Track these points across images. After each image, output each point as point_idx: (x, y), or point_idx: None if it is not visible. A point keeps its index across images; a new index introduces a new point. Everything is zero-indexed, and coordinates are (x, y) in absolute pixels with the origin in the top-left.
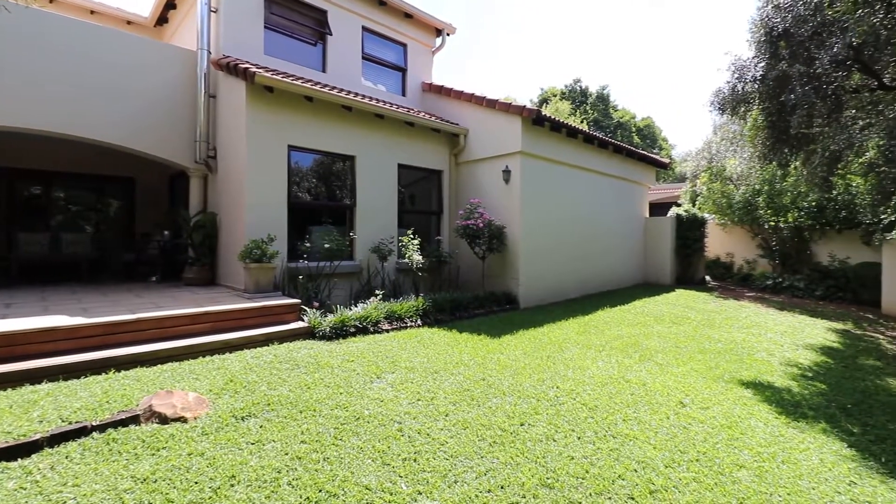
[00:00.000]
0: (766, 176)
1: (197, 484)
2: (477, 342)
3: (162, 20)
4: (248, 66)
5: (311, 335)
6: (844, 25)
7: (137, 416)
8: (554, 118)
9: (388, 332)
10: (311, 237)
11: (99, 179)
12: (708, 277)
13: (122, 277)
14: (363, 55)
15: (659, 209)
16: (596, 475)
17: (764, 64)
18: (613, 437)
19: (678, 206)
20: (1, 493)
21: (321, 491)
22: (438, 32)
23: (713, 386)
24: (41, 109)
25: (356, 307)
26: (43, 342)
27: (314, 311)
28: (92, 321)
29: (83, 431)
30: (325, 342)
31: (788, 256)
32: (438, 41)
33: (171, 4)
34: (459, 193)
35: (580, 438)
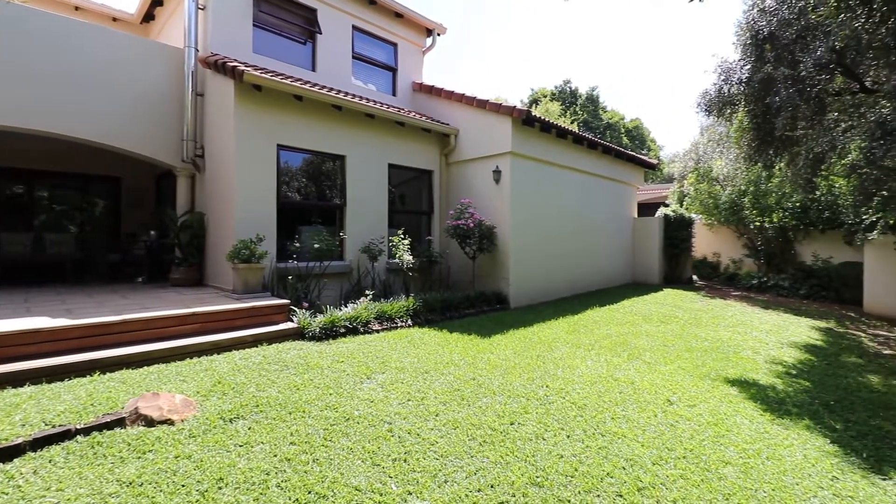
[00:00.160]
0: (751, 177)
1: (184, 487)
2: (467, 342)
3: (148, 17)
4: (236, 64)
5: (300, 336)
6: (827, 29)
7: (123, 418)
8: (544, 119)
9: (378, 332)
10: (300, 237)
11: (84, 178)
12: (695, 277)
13: (107, 278)
14: (353, 54)
15: (647, 209)
16: (585, 473)
17: (749, 66)
18: (602, 435)
19: (666, 206)
20: None
21: (310, 492)
22: (429, 32)
23: (700, 384)
24: (22, 107)
25: (346, 307)
26: (25, 344)
27: (304, 311)
28: (76, 323)
29: (67, 435)
30: (314, 343)
31: (773, 256)
32: (429, 41)
33: (157, 1)
34: (450, 193)
35: (569, 437)
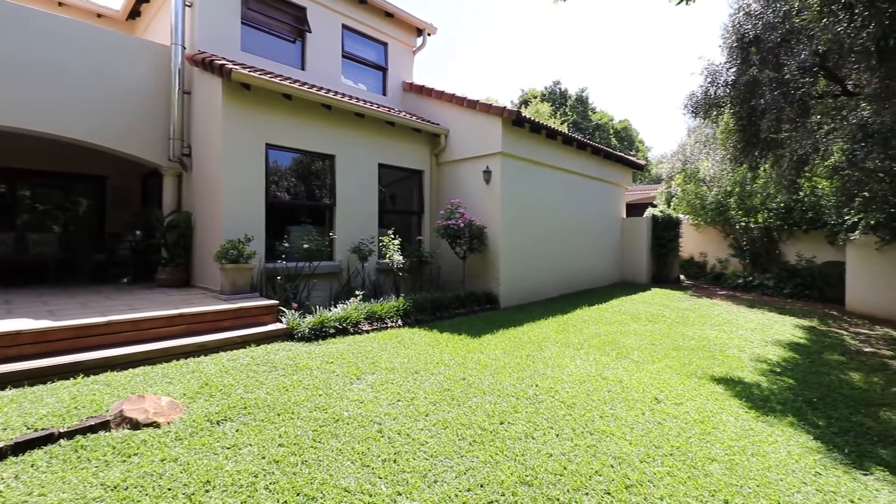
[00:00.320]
0: (737, 178)
1: (170, 490)
2: (457, 342)
3: (134, 14)
4: (224, 62)
5: (289, 337)
6: (811, 33)
7: (107, 421)
8: (534, 119)
9: (368, 332)
10: (289, 237)
11: (67, 177)
12: (682, 276)
13: (91, 279)
14: (343, 53)
15: (635, 210)
16: (574, 471)
17: (735, 69)
18: (591, 433)
19: (654, 206)
20: None
21: (299, 494)
22: (419, 32)
23: (687, 382)
24: (2, 104)
25: (336, 308)
26: (6, 346)
27: (293, 312)
28: (59, 324)
29: (50, 439)
30: (303, 344)
31: (758, 256)
32: (419, 41)
33: None
34: (440, 193)
35: (559, 436)
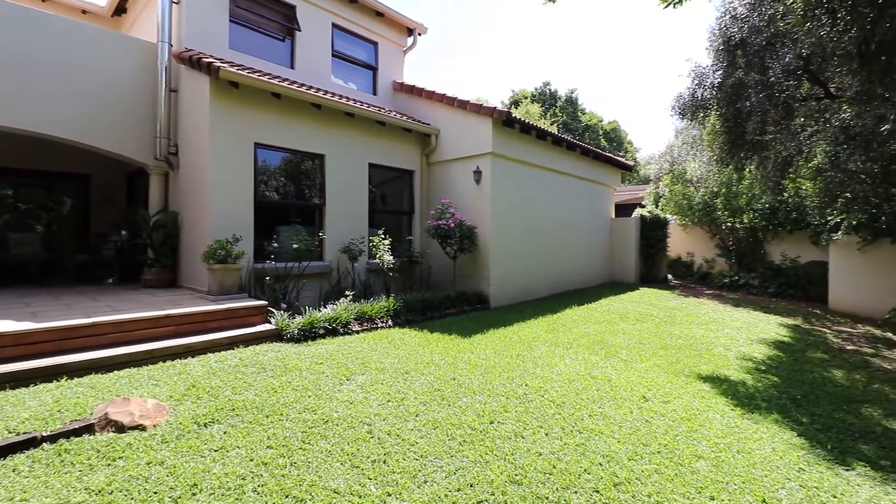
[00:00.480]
0: (723, 179)
1: (156, 494)
2: (448, 342)
3: (120, 10)
4: (211, 60)
5: (278, 338)
6: (795, 37)
7: (92, 425)
8: (524, 120)
9: (358, 333)
10: (278, 237)
11: (51, 176)
12: (670, 276)
13: (75, 280)
14: (333, 52)
15: (624, 210)
16: (563, 470)
17: (722, 71)
18: (580, 432)
19: (642, 207)
20: None
21: (287, 496)
22: (410, 32)
23: (674, 380)
24: None
25: (326, 308)
26: None
27: (282, 312)
28: (42, 326)
29: (32, 443)
30: (293, 345)
31: (744, 255)
32: (410, 40)
33: None
34: (431, 193)
35: (548, 434)
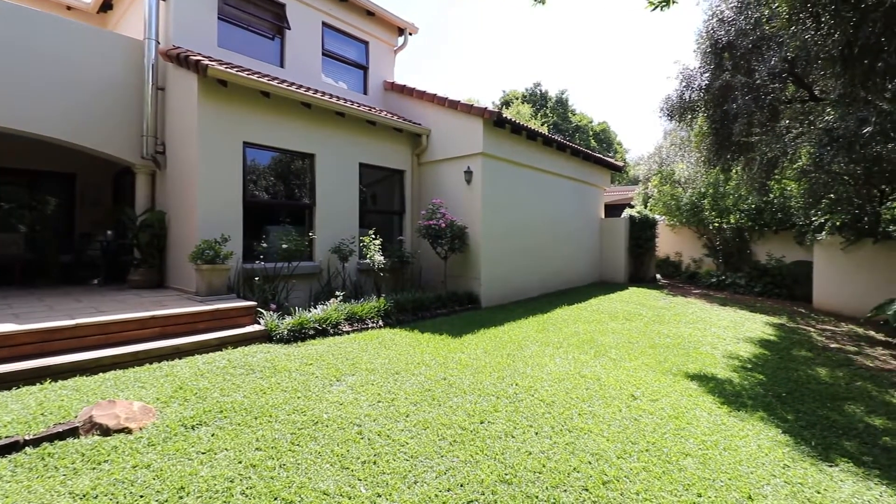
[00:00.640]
0: (710, 180)
1: (142, 498)
2: (438, 342)
3: (106, 7)
4: (199, 58)
5: (267, 339)
6: (780, 40)
7: (76, 428)
8: (515, 120)
9: (348, 333)
10: (268, 237)
11: (34, 175)
12: (658, 276)
13: (60, 281)
14: (323, 51)
15: (614, 210)
16: (552, 469)
17: (709, 74)
18: (569, 431)
19: (631, 207)
20: None
21: (276, 499)
22: (401, 31)
23: (662, 379)
24: None
25: (316, 309)
26: None
27: (271, 313)
28: (25, 328)
29: (14, 447)
30: (282, 345)
31: (731, 255)
32: (401, 40)
33: None
34: (422, 193)
35: (538, 434)
